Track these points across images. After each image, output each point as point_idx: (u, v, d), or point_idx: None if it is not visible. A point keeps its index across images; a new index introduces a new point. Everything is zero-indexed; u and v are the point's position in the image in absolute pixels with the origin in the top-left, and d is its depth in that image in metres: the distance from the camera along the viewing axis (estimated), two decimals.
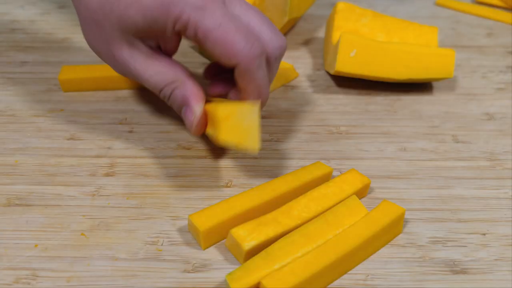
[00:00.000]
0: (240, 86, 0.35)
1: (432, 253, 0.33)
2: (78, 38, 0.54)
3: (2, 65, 0.50)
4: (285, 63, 0.50)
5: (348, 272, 0.31)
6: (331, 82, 0.50)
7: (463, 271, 0.32)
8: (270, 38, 0.34)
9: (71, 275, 0.31)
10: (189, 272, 0.31)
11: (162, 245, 0.33)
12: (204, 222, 0.32)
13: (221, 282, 0.31)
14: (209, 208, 0.33)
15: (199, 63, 0.51)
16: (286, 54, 0.55)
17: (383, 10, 0.64)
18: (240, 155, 0.40)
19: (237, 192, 0.37)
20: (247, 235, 0.31)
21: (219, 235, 0.33)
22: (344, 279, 0.31)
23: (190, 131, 0.36)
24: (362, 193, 0.36)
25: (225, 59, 0.33)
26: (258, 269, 0.29)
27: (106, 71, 0.46)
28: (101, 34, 0.34)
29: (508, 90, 0.49)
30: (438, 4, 0.66)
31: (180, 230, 0.34)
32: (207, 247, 0.33)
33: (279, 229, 0.32)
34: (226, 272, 0.31)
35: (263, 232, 0.31)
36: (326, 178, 0.37)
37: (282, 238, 0.31)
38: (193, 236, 0.33)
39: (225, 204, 0.33)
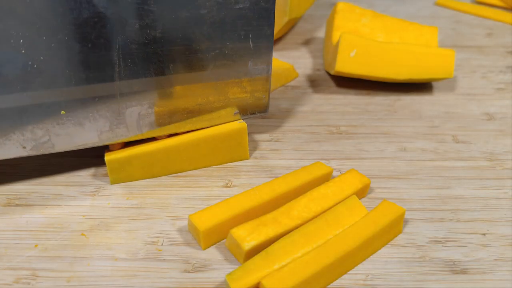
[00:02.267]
0: None
1: (432, 253, 0.33)
2: None
3: None
4: (285, 63, 0.50)
5: (348, 272, 0.31)
6: (331, 82, 0.50)
7: (463, 271, 0.32)
8: None
9: (71, 275, 0.31)
10: (189, 272, 0.31)
11: (162, 245, 0.33)
12: (204, 222, 0.32)
13: (221, 282, 0.31)
14: (209, 208, 0.33)
15: None
16: (286, 54, 0.55)
17: (383, 10, 0.64)
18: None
19: (237, 192, 0.37)
20: (247, 235, 0.31)
21: (219, 235, 0.33)
22: (344, 279, 0.31)
23: None
24: (362, 193, 0.36)
25: None
26: (258, 269, 0.29)
27: None
28: None
29: (508, 90, 0.49)
30: (438, 4, 0.66)
31: (180, 230, 0.34)
32: (207, 247, 0.33)
33: (279, 229, 0.32)
34: (226, 272, 0.31)
35: (263, 232, 0.31)
36: (326, 178, 0.37)
37: (282, 238, 0.31)
38: (193, 236, 0.33)
39: (225, 204, 0.33)
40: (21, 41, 0.30)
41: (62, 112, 0.33)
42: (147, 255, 0.32)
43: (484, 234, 0.34)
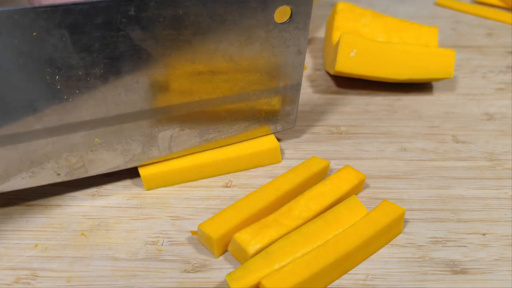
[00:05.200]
0: None
1: (432, 253, 0.33)
2: None
3: None
4: None
5: (348, 272, 0.31)
6: (331, 82, 0.50)
7: (463, 271, 0.32)
8: None
9: (71, 275, 0.31)
10: (189, 272, 0.31)
11: (162, 245, 0.33)
12: (216, 229, 0.32)
13: (221, 282, 0.31)
14: (217, 215, 0.33)
15: None
16: None
17: (383, 10, 0.64)
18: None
19: (237, 192, 0.37)
20: (251, 239, 0.31)
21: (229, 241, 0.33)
22: (344, 279, 0.31)
23: None
24: (357, 188, 0.36)
25: None
26: (258, 269, 0.29)
27: None
28: None
29: (508, 90, 0.49)
30: (438, 4, 0.66)
31: (180, 230, 0.34)
32: (221, 255, 0.32)
33: (281, 231, 0.32)
34: (226, 272, 0.31)
35: (267, 235, 0.31)
36: (324, 172, 0.37)
37: (282, 238, 0.31)
38: (204, 245, 0.33)
39: (233, 209, 0.33)
40: (57, 77, 0.30)
41: (96, 140, 0.33)
42: (147, 255, 0.32)
43: (484, 234, 0.34)
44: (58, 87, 0.30)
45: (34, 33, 0.28)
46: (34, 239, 0.33)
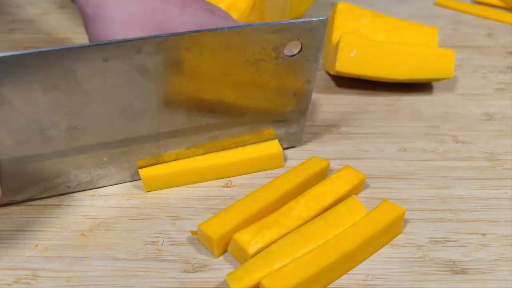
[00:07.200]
0: None
1: (432, 253, 0.33)
2: (78, 38, 0.54)
3: None
4: None
5: (348, 272, 0.31)
6: (331, 82, 0.50)
7: (463, 271, 0.32)
8: None
9: (71, 275, 0.31)
10: (189, 272, 0.31)
11: (162, 245, 0.33)
12: (216, 229, 0.32)
13: (221, 282, 0.31)
14: (217, 215, 0.33)
15: None
16: None
17: (383, 10, 0.64)
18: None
19: (237, 192, 0.37)
20: (251, 239, 0.31)
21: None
22: (344, 279, 0.31)
23: None
24: (357, 188, 0.36)
25: None
26: (258, 269, 0.29)
27: None
28: None
29: (508, 90, 0.49)
30: (438, 4, 0.66)
31: (180, 230, 0.34)
32: (221, 255, 0.32)
33: (281, 231, 0.32)
34: (226, 272, 0.31)
35: (266, 235, 0.31)
36: (324, 172, 0.37)
37: (282, 238, 0.31)
38: (204, 245, 0.33)
39: (233, 209, 0.33)
40: (65, 109, 0.31)
41: (104, 159, 0.34)
42: (147, 255, 0.32)
43: (484, 234, 0.34)
44: (66, 117, 0.31)
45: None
46: (34, 239, 0.33)
